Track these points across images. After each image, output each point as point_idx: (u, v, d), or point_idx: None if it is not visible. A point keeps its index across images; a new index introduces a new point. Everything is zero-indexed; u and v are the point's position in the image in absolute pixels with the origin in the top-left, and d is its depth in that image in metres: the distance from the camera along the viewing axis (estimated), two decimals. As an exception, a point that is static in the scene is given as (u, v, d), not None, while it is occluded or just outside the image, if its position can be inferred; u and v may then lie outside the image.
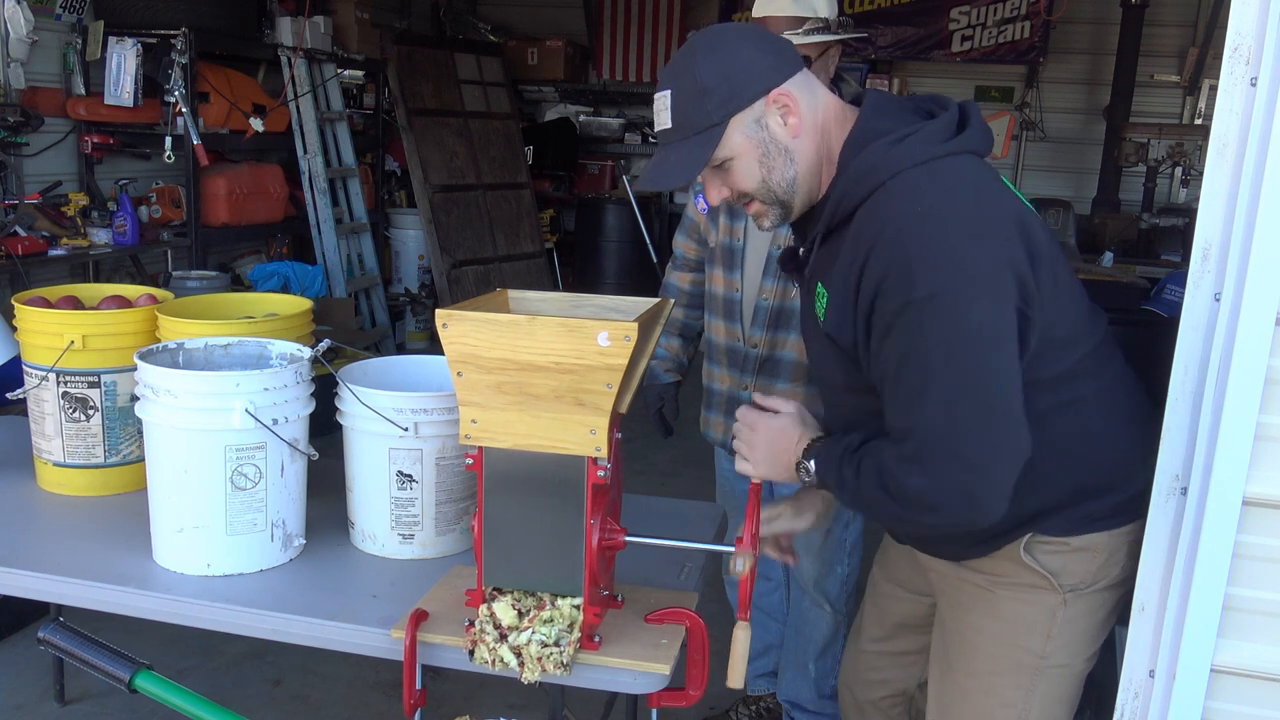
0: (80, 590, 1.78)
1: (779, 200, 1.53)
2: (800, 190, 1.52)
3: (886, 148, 1.44)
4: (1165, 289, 3.33)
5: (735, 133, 1.46)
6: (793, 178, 1.50)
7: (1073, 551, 1.59)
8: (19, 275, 3.78)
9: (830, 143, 1.51)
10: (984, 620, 1.65)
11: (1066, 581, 1.59)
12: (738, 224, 2.42)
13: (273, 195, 5.26)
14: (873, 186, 1.43)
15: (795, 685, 2.66)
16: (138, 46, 4.36)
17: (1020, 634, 1.62)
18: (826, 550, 2.50)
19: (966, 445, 1.37)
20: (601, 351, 1.43)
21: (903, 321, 1.37)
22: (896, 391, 1.42)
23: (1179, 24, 6.82)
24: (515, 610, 1.56)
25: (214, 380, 1.76)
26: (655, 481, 4.55)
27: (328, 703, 2.95)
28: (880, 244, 1.39)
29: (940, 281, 1.35)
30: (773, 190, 1.51)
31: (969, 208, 1.41)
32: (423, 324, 6.55)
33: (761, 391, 2.47)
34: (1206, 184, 1.46)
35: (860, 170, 1.45)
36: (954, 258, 1.36)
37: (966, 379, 1.37)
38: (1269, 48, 1.39)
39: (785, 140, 1.48)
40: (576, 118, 7.97)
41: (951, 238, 1.38)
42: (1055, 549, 1.58)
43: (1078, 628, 1.62)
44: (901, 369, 1.40)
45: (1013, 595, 1.62)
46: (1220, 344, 1.46)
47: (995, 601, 1.63)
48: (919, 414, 1.39)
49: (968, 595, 1.66)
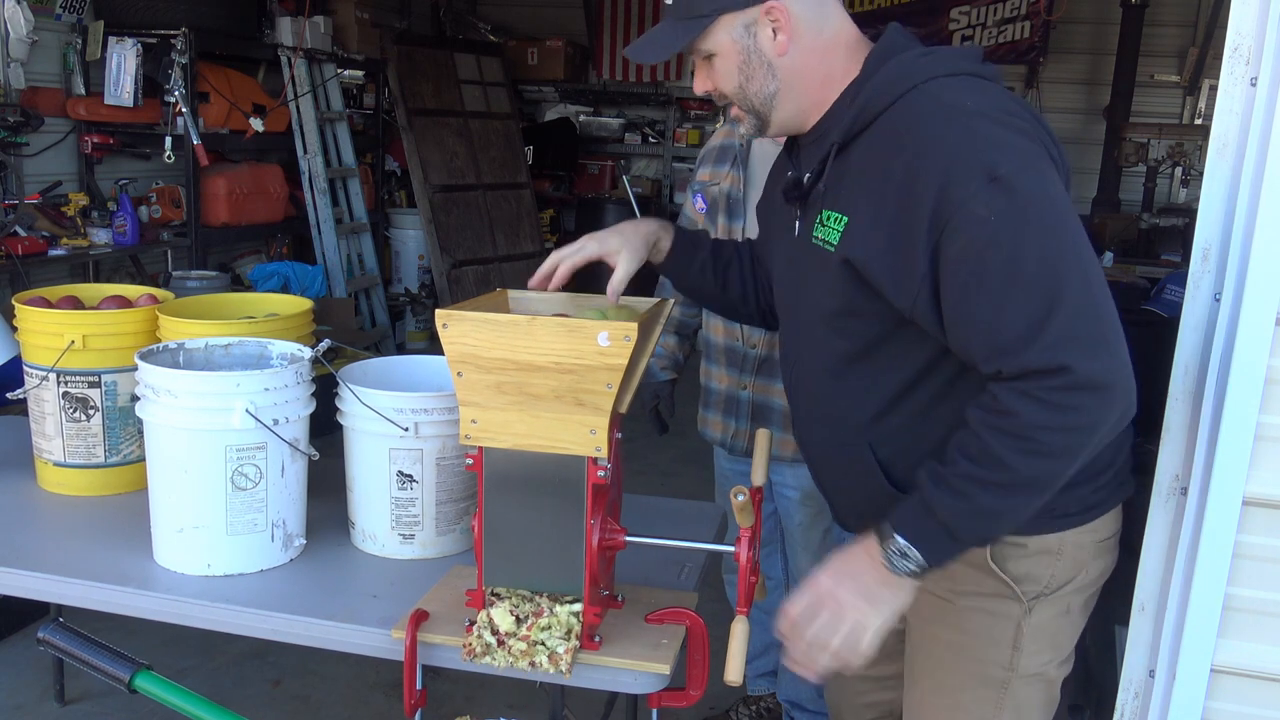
0: (80, 590, 1.78)
1: (755, 110, 1.50)
2: (781, 107, 1.48)
3: (917, 57, 1.40)
4: (1165, 289, 3.33)
5: (721, 31, 1.45)
6: (772, 92, 1.47)
7: (1034, 555, 1.50)
8: (19, 275, 3.78)
9: (832, 68, 1.46)
10: (947, 634, 1.58)
11: (1029, 589, 1.51)
12: (735, 224, 2.41)
13: (273, 195, 5.26)
14: (903, 90, 1.37)
15: (795, 685, 2.66)
16: (138, 46, 4.36)
17: (985, 647, 1.55)
18: (825, 549, 2.49)
19: (1110, 321, 1.25)
20: (601, 352, 1.43)
21: (992, 200, 1.25)
22: (1006, 285, 1.25)
23: (1179, 24, 6.82)
24: (513, 616, 1.56)
25: (214, 380, 1.76)
26: (655, 481, 4.55)
27: (328, 703, 2.95)
28: (934, 136, 1.32)
29: (1019, 159, 1.28)
30: (749, 99, 1.49)
31: (1012, 107, 1.36)
32: (423, 324, 6.55)
33: (760, 392, 2.47)
34: (1206, 184, 1.46)
35: (890, 76, 1.39)
36: (1021, 143, 1.30)
37: (1080, 249, 1.27)
38: (1269, 48, 1.39)
39: (770, 55, 1.44)
40: (576, 118, 7.98)
41: (1006, 126, 1.32)
42: (1015, 553, 1.50)
43: (1044, 635, 1.54)
44: (1008, 254, 1.25)
45: (974, 606, 1.54)
46: (1220, 344, 1.46)
47: (957, 614, 1.56)
48: (1058, 293, 1.23)
49: (930, 608, 1.58)
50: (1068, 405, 1.23)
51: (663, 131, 7.97)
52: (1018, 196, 1.26)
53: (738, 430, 2.52)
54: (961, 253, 1.28)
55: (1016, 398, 1.25)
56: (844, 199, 1.43)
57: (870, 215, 1.37)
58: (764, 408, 2.46)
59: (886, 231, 1.35)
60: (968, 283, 1.28)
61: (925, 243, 1.31)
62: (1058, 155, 1.38)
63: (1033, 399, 1.24)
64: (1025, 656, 1.54)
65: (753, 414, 2.48)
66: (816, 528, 2.49)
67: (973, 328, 1.30)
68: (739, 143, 2.43)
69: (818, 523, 2.48)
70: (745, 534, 1.53)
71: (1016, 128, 1.33)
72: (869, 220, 1.38)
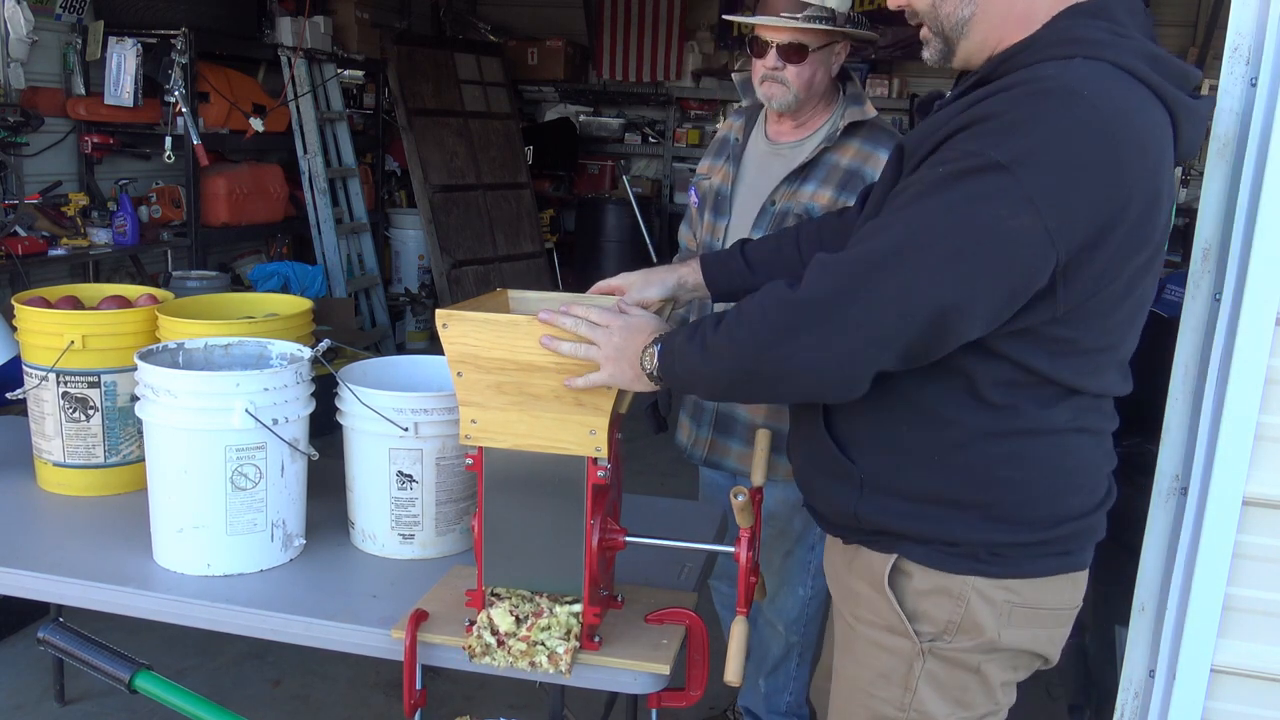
0: (80, 590, 1.78)
1: (944, 34, 1.39)
2: (971, 35, 1.36)
3: (1105, 32, 1.26)
4: (1165, 289, 3.33)
5: None
6: (965, 18, 1.35)
7: (923, 592, 1.41)
8: (19, 275, 3.78)
9: (1034, 6, 1.32)
10: (846, 665, 1.52)
11: (923, 629, 1.41)
12: (720, 221, 2.38)
13: (273, 195, 5.26)
14: (1056, 55, 1.25)
15: (750, 694, 2.65)
16: (138, 46, 4.36)
17: (875, 683, 1.46)
18: (786, 570, 2.42)
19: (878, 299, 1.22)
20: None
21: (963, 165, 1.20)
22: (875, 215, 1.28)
23: (1179, 24, 6.81)
24: (513, 617, 1.56)
25: (214, 380, 1.76)
26: (655, 481, 4.55)
27: (328, 703, 2.95)
28: (1003, 92, 1.23)
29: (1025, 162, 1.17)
30: (940, 21, 1.38)
31: (1122, 121, 1.20)
32: (423, 324, 6.55)
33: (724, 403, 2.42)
34: (1206, 184, 1.46)
35: (1052, 36, 1.28)
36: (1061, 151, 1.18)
37: (942, 260, 1.20)
38: (1269, 48, 1.39)
39: None
40: (576, 118, 7.97)
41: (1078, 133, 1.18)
42: (905, 583, 1.42)
43: (946, 689, 1.43)
44: (906, 201, 1.24)
45: (870, 637, 1.46)
46: (1220, 344, 1.46)
47: (855, 643, 1.49)
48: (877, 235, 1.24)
49: (840, 634, 1.55)
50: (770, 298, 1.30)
51: (663, 131, 7.97)
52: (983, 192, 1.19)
53: (698, 438, 2.46)
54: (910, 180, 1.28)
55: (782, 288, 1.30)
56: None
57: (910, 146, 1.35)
58: (727, 418, 2.39)
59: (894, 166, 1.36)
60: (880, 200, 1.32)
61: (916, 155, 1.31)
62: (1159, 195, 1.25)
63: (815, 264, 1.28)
64: (924, 703, 1.43)
65: (715, 423, 2.41)
66: (778, 549, 2.41)
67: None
68: (735, 138, 2.41)
69: (779, 544, 2.40)
70: (745, 534, 1.53)
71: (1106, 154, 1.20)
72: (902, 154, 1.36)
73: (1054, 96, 1.20)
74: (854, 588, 1.48)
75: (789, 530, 2.37)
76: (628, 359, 1.45)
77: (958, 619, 1.39)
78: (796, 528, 2.37)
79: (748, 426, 2.35)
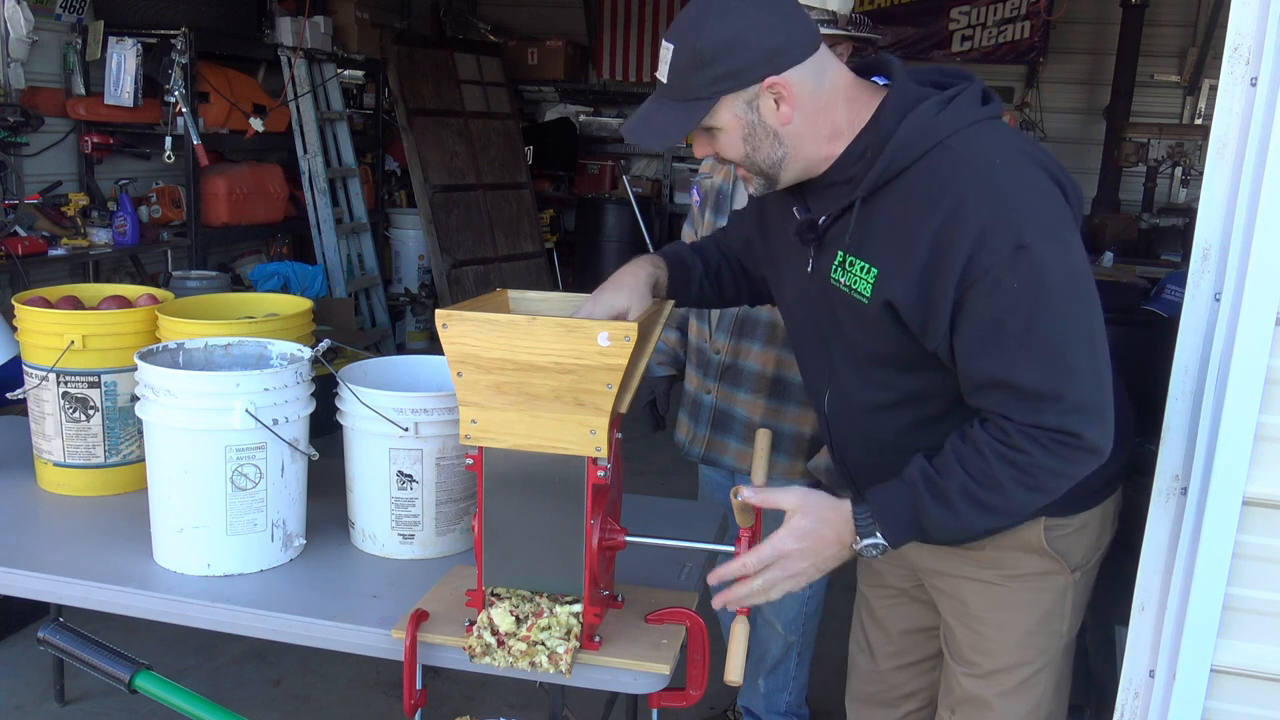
0: (80, 590, 1.78)
1: (763, 173, 1.51)
2: (790, 167, 1.50)
3: (935, 109, 1.43)
4: (1165, 289, 3.34)
5: (724, 110, 1.44)
6: (780, 158, 1.48)
7: (1075, 531, 1.63)
8: (19, 275, 3.78)
9: (836, 122, 1.47)
10: (1004, 615, 1.67)
11: (1074, 561, 1.65)
12: (720, 220, 2.37)
13: (273, 195, 5.26)
14: (930, 145, 1.41)
15: (749, 694, 2.65)
16: (138, 46, 4.36)
17: (1043, 621, 1.66)
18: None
19: (1109, 390, 1.38)
20: (601, 352, 1.43)
21: (1016, 270, 1.33)
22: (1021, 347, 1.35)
23: (1179, 24, 6.81)
24: (513, 617, 1.56)
25: (214, 380, 1.76)
26: (655, 481, 4.55)
27: (328, 703, 2.95)
28: (967, 199, 1.36)
29: (1045, 224, 1.35)
30: (757, 165, 1.49)
31: (1034, 160, 1.42)
32: (423, 324, 6.55)
33: (723, 399, 2.43)
34: (1206, 184, 1.46)
35: (914, 130, 1.42)
36: (1046, 203, 1.38)
37: (1090, 321, 1.37)
38: (1269, 48, 1.39)
39: (775, 125, 1.45)
40: (576, 118, 7.97)
41: (1037, 185, 1.38)
42: (1062, 531, 1.62)
43: (1081, 603, 1.71)
44: (1024, 320, 1.34)
45: (1028, 586, 1.65)
46: (1220, 344, 1.46)
47: (1011, 595, 1.65)
48: (1069, 365, 1.35)
49: (979, 594, 1.67)
50: (1071, 460, 1.38)
51: (663, 131, 7.96)
52: (1040, 266, 1.33)
53: (696, 435, 2.46)
54: (984, 310, 1.36)
55: (1029, 440, 1.37)
56: (870, 249, 1.47)
57: (902, 268, 1.42)
58: (725, 415, 2.40)
59: (918, 286, 1.41)
60: (984, 337, 1.37)
61: (952, 297, 1.38)
62: (1069, 184, 1.44)
63: (1043, 446, 1.37)
64: (1069, 625, 1.69)
65: (713, 420, 2.42)
66: None
67: (982, 374, 1.40)
68: None
69: None
70: (745, 534, 1.53)
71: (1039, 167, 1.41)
72: (901, 273, 1.42)
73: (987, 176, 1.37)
74: (994, 556, 1.64)
75: None
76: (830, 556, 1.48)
77: (1091, 542, 1.66)
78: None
79: (745, 424, 2.36)
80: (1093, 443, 1.37)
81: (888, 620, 1.90)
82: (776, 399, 2.33)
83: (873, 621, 1.93)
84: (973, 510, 1.41)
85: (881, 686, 1.94)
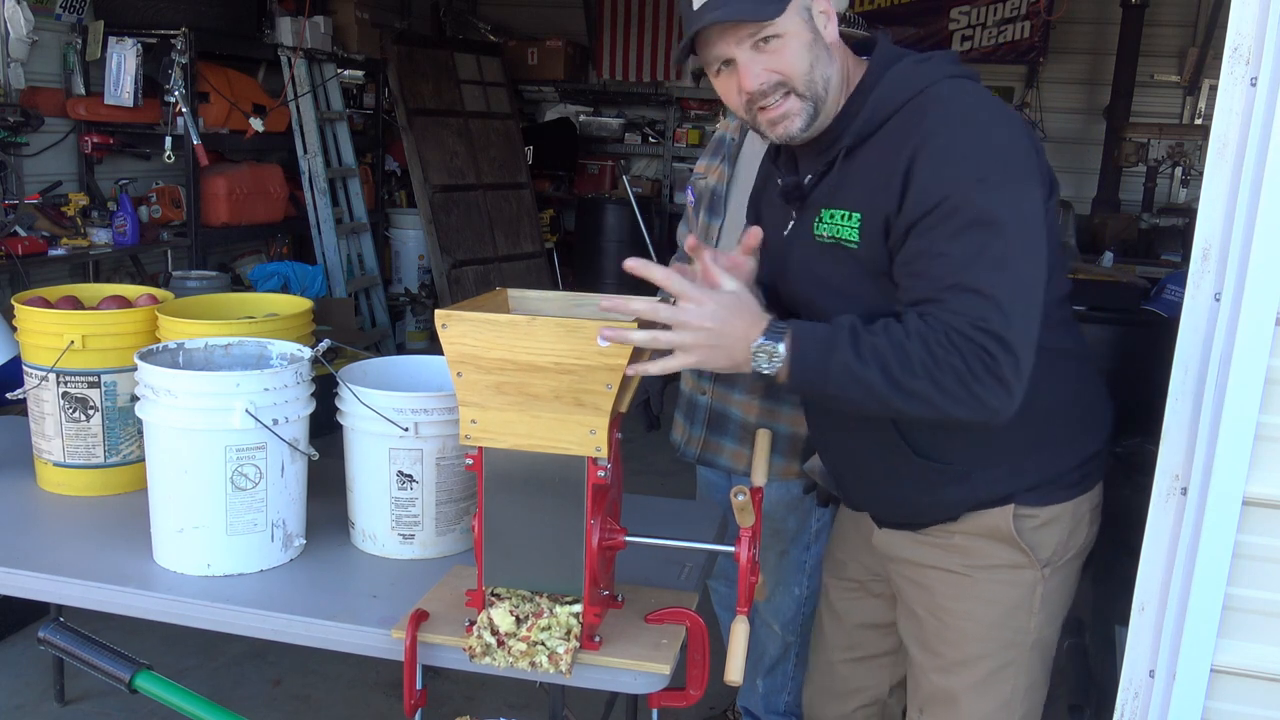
0: (80, 590, 1.78)
1: (816, 95, 1.50)
2: (830, 96, 1.52)
3: (915, 64, 1.51)
4: (1165, 289, 3.34)
5: (793, 12, 1.47)
6: (829, 77, 1.51)
7: (1044, 524, 1.63)
8: (19, 275, 3.78)
9: (849, 67, 1.55)
10: (969, 606, 1.67)
11: (1043, 555, 1.64)
12: (714, 221, 2.37)
13: (273, 195, 5.26)
14: (911, 94, 1.48)
15: (748, 694, 2.65)
16: (138, 46, 4.36)
17: (1008, 614, 1.66)
18: (781, 570, 2.42)
19: (1026, 327, 1.37)
20: (601, 352, 1.43)
21: (977, 198, 1.38)
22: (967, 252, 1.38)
23: (1179, 24, 6.81)
24: (513, 617, 1.56)
25: (214, 380, 1.76)
26: (655, 481, 4.55)
27: (328, 703, 2.95)
28: (940, 129, 1.43)
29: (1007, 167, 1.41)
30: (815, 83, 1.50)
31: (1005, 111, 1.48)
32: (423, 324, 6.55)
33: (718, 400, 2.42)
34: (1206, 184, 1.46)
35: (896, 80, 1.50)
36: (1012, 149, 1.43)
37: (1031, 262, 1.40)
38: (1269, 48, 1.39)
39: (829, 39, 1.51)
40: (576, 118, 7.96)
41: (1005, 131, 1.44)
42: (1032, 522, 1.63)
43: (1055, 600, 1.68)
44: (978, 233, 1.38)
45: (993, 577, 1.65)
46: (1220, 344, 1.46)
47: (976, 585, 1.66)
48: (999, 276, 1.37)
49: (945, 584, 1.68)
50: (979, 378, 1.34)
51: (663, 131, 7.97)
52: (995, 203, 1.39)
53: (691, 436, 2.45)
54: (940, 220, 1.39)
55: (953, 339, 1.34)
56: (848, 197, 1.51)
57: (881, 202, 1.46)
58: (720, 415, 2.39)
59: (896, 209, 1.44)
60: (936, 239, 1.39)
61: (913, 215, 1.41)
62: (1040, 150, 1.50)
63: (961, 352, 1.34)
64: (1040, 621, 1.67)
65: (708, 421, 2.41)
66: (773, 549, 2.39)
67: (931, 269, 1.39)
68: (731, 137, 2.41)
69: (773, 544, 2.39)
70: (745, 534, 1.53)
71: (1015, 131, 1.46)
72: (882, 206, 1.46)
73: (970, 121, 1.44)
74: (963, 544, 1.65)
75: (784, 530, 2.37)
76: (727, 346, 1.40)
77: (1065, 537, 1.65)
78: (791, 527, 2.37)
79: (740, 425, 2.35)
80: (1004, 375, 1.35)
81: (845, 612, 1.91)
82: (771, 399, 2.33)
83: (830, 613, 1.95)
84: (877, 373, 1.35)
85: (833, 679, 1.95)
